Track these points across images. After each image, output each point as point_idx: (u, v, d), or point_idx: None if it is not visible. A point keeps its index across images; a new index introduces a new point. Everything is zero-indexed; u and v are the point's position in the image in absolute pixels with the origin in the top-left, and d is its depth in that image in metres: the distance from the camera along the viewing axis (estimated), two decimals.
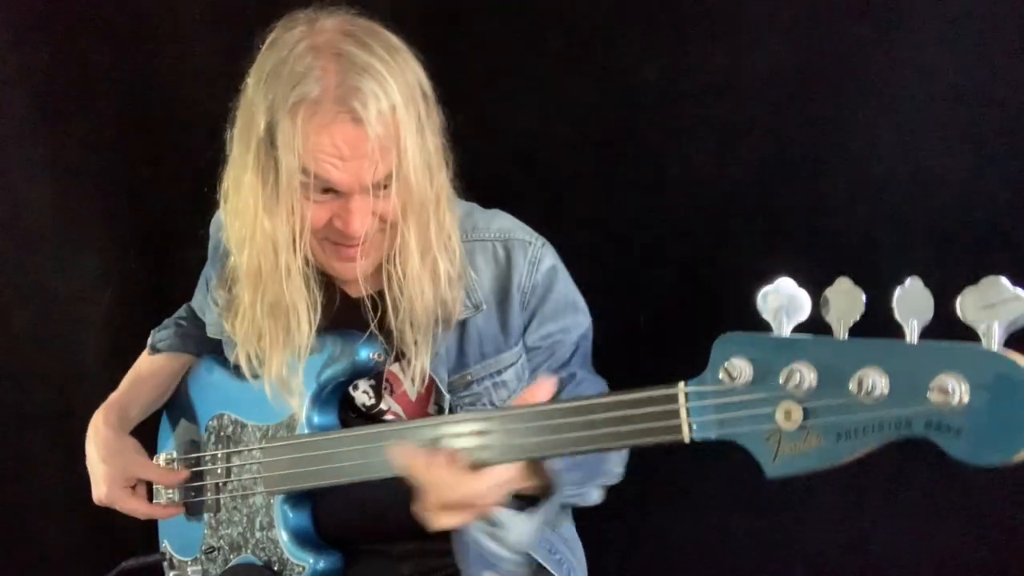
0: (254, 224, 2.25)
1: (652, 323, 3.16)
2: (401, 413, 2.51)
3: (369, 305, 2.39)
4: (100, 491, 2.65)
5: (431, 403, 2.47)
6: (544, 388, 1.93)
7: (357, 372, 2.44)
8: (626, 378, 2.76)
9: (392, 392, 2.50)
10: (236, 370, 2.56)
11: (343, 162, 2.11)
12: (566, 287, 2.52)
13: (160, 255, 3.46)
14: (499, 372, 2.45)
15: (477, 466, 1.91)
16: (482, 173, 2.44)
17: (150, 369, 2.87)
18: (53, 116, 3.70)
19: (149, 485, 2.73)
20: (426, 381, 2.41)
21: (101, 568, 2.70)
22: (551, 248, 2.51)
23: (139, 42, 3.59)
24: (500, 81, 3.27)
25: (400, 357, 2.44)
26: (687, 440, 1.69)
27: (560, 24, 3.22)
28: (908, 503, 2.99)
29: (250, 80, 2.26)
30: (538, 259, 2.45)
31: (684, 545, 3.29)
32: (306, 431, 2.43)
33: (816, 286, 2.74)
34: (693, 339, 3.05)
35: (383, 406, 2.51)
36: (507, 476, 1.90)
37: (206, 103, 3.42)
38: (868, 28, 2.88)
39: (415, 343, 2.35)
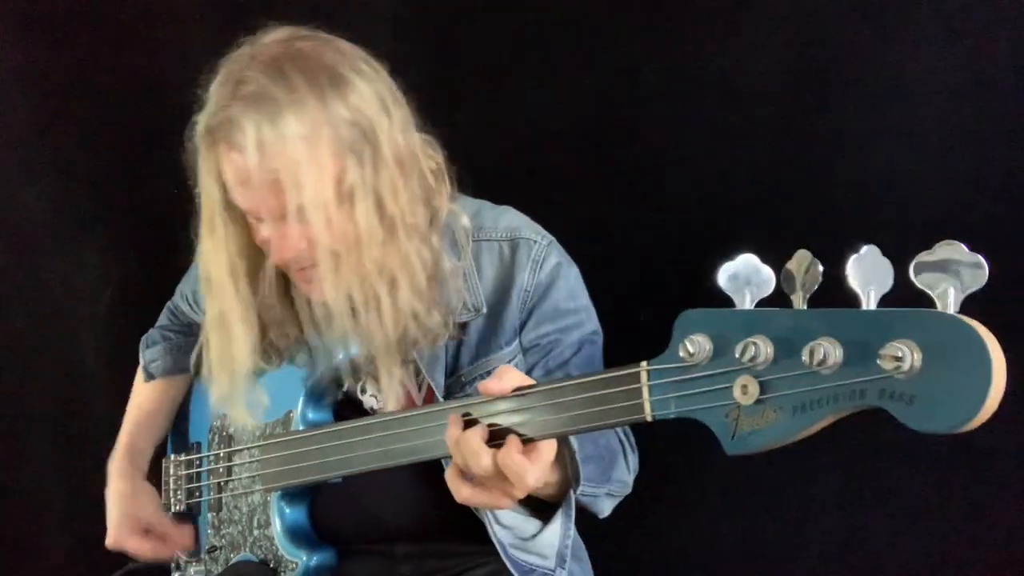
0: (203, 240, 2.29)
1: (652, 322, 3.14)
2: None
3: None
4: (110, 536, 2.68)
5: (440, 395, 2.43)
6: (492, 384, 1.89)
7: (350, 368, 2.44)
8: None
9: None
10: None
11: (240, 188, 2.13)
12: (569, 287, 2.48)
13: (160, 255, 3.47)
14: (488, 373, 2.35)
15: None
16: (482, 173, 2.44)
17: (150, 401, 2.87)
18: (53, 116, 3.72)
19: None
20: (401, 401, 2.37)
21: (101, 569, 2.72)
22: (558, 247, 2.47)
23: (139, 42, 3.61)
24: (500, 81, 3.28)
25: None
26: (648, 418, 1.68)
27: (560, 24, 3.23)
28: (908, 503, 2.98)
29: None
30: (542, 258, 2.42)
31: (680, 548, 3.28)
32: (301, 427, 2.43)
33: (817, 287, 2.74)
34: None
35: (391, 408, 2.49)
36: (543, 455, 1.85)
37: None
38: (868, 28, 2.87)
39: (384, 370, 2.33)
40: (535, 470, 1.80)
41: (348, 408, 2.51)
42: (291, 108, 2.09)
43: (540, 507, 2.13)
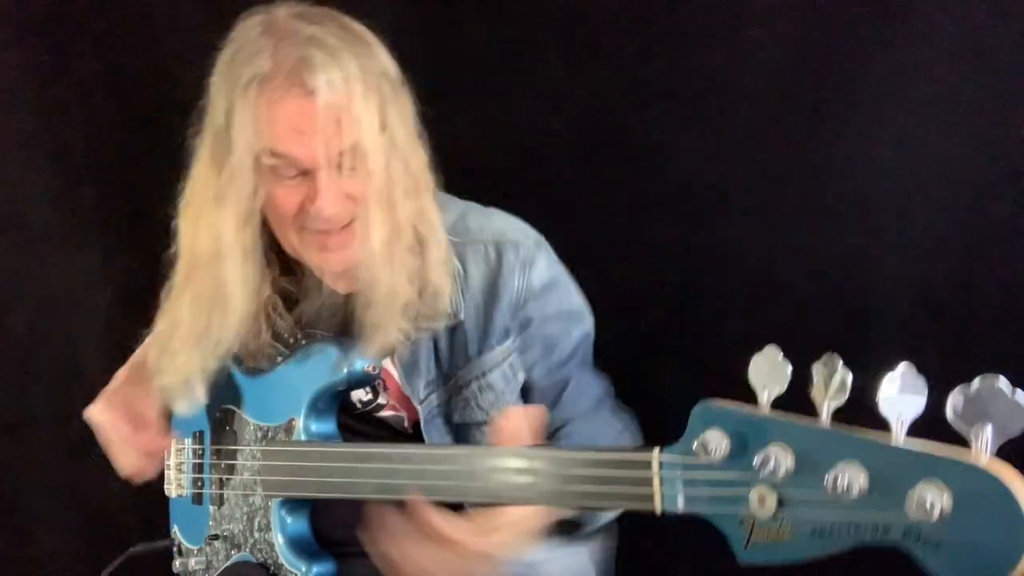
0: (200, 214, 2.32)
1: (651, 323, 3.16)
2: (399, 406, 2.53)
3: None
4: (96, 402, 2.69)
5: (416, 402, 2.48)
6: (516, 418, 1.96)
7: (353, 383, 2.45)
8: (626, 379, 2.77)
9: (386, 388, 2.51)
10: (241, 365, 2.60)
11: (300, 136, 2.14)
12: (565, 289, 2.53)
13: (160, 255, 3.47)
14: (484, 375, 2.44)
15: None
16: (480, 173, 2.45)
17: None
18: (53, 116, 3.71)
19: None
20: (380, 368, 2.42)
21: (101, 568, 2.72)
22: (547, 248, 2.50)
23: (140, 42, 3.60)
24: (499, 81, 3.26)
25: (392, 352, 2.45)
26: (658, 511, 1.67)
27: (560, 23, 3.22)
28: None
29: (211, 79, 2.30)
30: (531, 261, 2.45)
31: (680, 547, 3.29)
32: (303, 437, 2.43)
33: (815, 286, 2.74)
34: (693, 340, 3.06)
35: (381, 400, 2.52)
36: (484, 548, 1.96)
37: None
38: (868, 28, 2.86)
39: (384, 313, 2.34)
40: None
41: (358, 420, 2.54)
42: (345, 49, 2.16)
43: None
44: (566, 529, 2.13)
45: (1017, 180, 2.74)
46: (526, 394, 2.52)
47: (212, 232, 2.27)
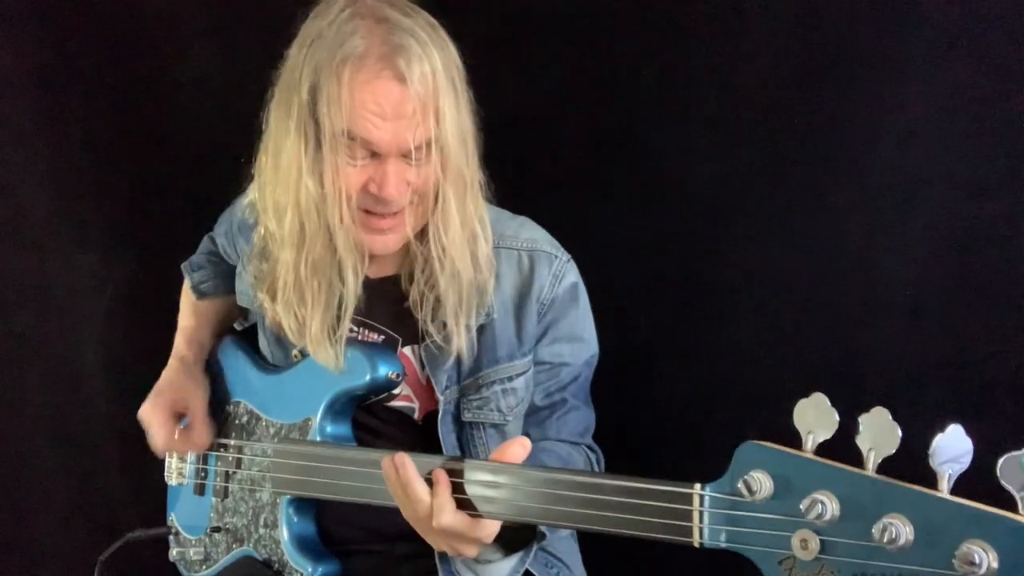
0: (297, 187, 2.29)
1: (652, 324, 3.16)
2: (413, 396, 2.55)
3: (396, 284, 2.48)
4: (146, 405, 2.67)
5: (439, 392, 2.48)
6: (517, 449, 2.00)
7: (374, 389, 2.47)
8: (625, 380, 2.77)
9: (405, 374, 2.51)
10: (260, 360, 2.67)
11: (384, 121, 2.17)
12: (584, 310, 2.56)
13: (160, 255, 3.46)
14: (510, 379, 2.47)
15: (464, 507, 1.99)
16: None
17: (211, 309, 2.94)
18: (53, 116, 3.70)
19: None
20: (475, 349, 2.45)
21: (98, 553, 2.72)
22: (575, 267, 2.54)
23: (139, 42, 3.59)
24: (498, 82, 3.23)
25: (416, 341, 2.49)
26: (696, 544, 1.68)
27: (558, 23, 3.22)
28: None
29: (292, 50, 2.31)
30: (561, 274, 2.50)
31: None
32: (317, 438, 2.45)
33: (815, 286, 2.74)
34: (693, 341, 3.05)
35: (395, 390, 2.53)
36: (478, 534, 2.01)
37: (206, 104, 3.38)
38: (868, 28, 2.85)
39: (456, 305, 2.39)
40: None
41: (364, 411, 2.55)
42: (433, 43, 2.21)
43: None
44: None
45: (1017, 180, 2.73)
46: None
47: (313, 206, 2.28)
